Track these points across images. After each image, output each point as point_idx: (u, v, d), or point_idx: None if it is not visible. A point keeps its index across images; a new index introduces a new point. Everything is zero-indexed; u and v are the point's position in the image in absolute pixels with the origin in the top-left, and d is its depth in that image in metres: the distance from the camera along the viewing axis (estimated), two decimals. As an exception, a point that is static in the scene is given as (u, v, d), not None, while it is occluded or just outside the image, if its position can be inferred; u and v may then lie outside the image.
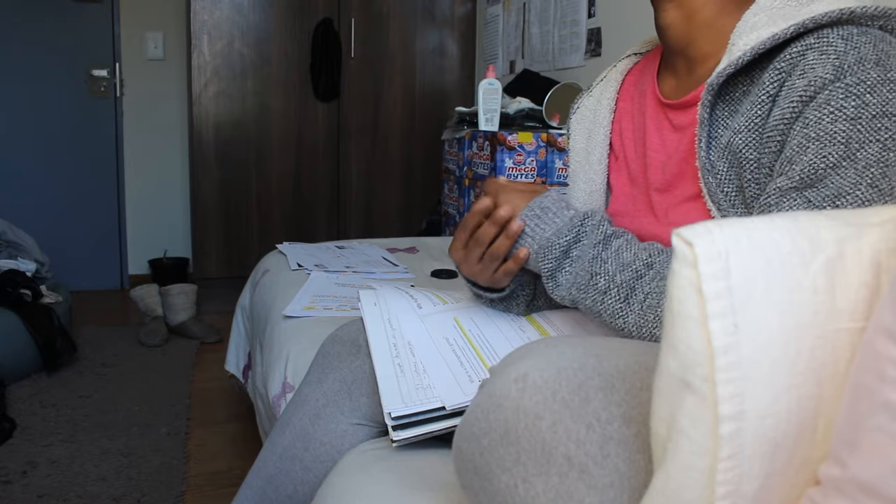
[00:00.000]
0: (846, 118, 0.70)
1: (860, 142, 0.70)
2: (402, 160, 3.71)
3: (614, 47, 2.51)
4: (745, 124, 0.78)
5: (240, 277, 2.78)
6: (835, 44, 0.72)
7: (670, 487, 0.48)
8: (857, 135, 0.70)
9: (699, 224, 0.47)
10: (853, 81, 0.70)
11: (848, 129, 0.70)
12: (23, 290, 2.49)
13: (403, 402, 0.89)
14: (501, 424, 0.60)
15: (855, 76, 0.70)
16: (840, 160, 0.70)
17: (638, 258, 0.83)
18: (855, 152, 0.70)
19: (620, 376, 0.61)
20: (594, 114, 1.03)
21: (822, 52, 0.72)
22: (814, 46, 0.73)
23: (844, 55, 0.71)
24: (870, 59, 0.71)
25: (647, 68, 0.99)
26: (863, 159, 0.70)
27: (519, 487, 0.58)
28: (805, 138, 0.72)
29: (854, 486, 0.45)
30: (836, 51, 0.72)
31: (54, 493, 1.68)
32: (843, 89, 0.70)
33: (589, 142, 1.03)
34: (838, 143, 0.70)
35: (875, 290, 0.49)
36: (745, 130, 0.78)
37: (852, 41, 0.72)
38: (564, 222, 0.89)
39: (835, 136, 0.70)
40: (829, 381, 0.48)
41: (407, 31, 3.63)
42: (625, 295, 0.82)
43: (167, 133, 3.82)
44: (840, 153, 0.70)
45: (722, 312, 0.45)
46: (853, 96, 0.70)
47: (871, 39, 0.72)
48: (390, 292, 1.10)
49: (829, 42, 0.72)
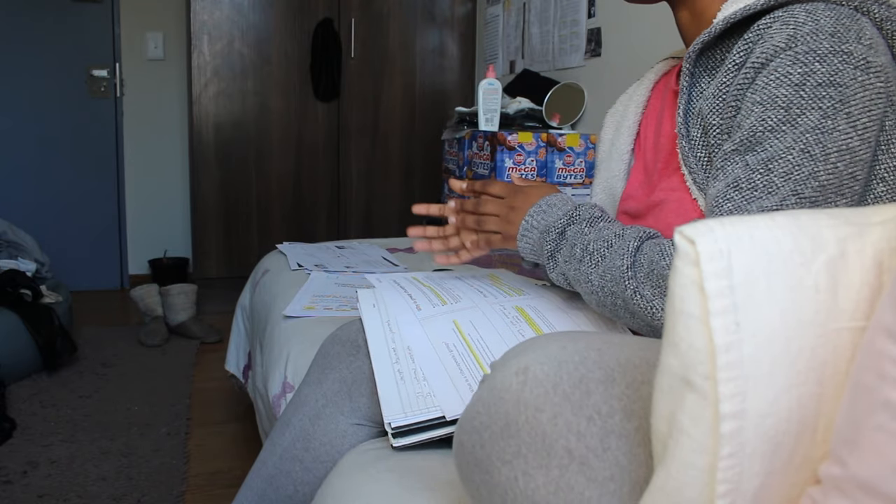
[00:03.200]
0: (791, 84, 0.72)
1: (801, 107, 0.71)
2: (402, 160, 3.71)
3: (614, 47, 2.51)
4: (713, 91, 0.80)
5: (240, 277, 2.78)
6: (798, 16, 0.74)
7: (670, 485, 0.48)
8: (799, 100, 0.71)
9: (701, 222, 0.47)
10: (803, 50, 0.72)
11: (790, 95, 0.71)
12: (23, 290, 2.49)
13: (403, 412, 0.89)
14: (502, 417, 0.60)
15: (806, 45, 0.72)
16: (779, 124, 0.72)
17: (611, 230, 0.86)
18: (795, 118, 0.71)
19: (621, 370, 0.61)
20: (625, 108, 1.08)
21: (784, 24, 0.74)
22: (780, 18, 0.75)
23: (802, 25, 0.73)
24: (825, 30, 0.72)
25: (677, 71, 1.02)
26: (802, 125, 0.71)
27: (519, 480, 0.58)
28: (752, 102, 0.74)
29: (854, 485, 0.44)
30: (796, 21, 0.73)
31: (54, 493, 1.68)
32: (791, 57, 0.72)
33: (616, 134, 1.07)
34: (779, 108, 0.72)
35: (877, 290, 0.49)
36: (712, 97, 0.80)
37: (814, 14, 0.73)
38: (564, 211, 0.93)
39: (777, 100, 0.72)
40: (830, 380, 0.48)
41: (407, 31, 3.63)
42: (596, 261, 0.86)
43: (167, 133, 3.82)
44: (780, 117, 0.72)
45: (723, 310, 0.45)
46: (800, 63, 0.72)
47: (835, 14, 0.73)
48: (389, 292, 1.10)
49: (793, 15, 0.74)
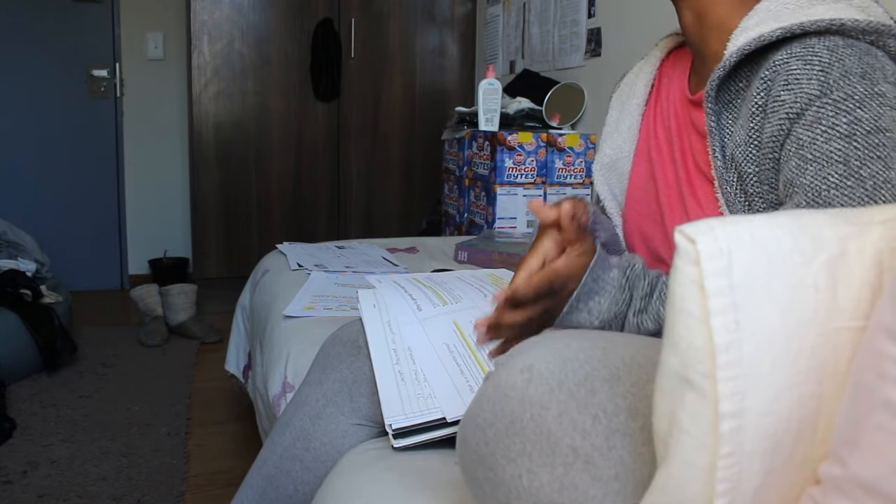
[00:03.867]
0: (840, 136, 0.69)
1: (860, 159, 0.68)
2: (402, 160, 3.71)
3: (614, 47, 2.51)
4: (744, 138, 0.77)
5: (240, 277, 2.78)
6: (819, 54, 0.71)
7: (671, 484, 0.48)
8: (856, 152, 0.68)
9: (701, 221, 0.47)
10: (840, 97, 0.69)
11: (844, 148, 0.69)
12: (23, 290, 2.49)
13: (404, 413, 0.89)
14: (507, 415, 0.60)
15: (841, 90, 0.69)
16: (842, 179, 0.69)
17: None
18: (857, 171, 0.68)
19: (626, 368, 0.61)
20: (631, 87, 1.04)
21: (805, 62, 0.71)
22: (797, 55, 0.72)
23: (829, 68, 0.70)
24: (855, 72, 0.69)
25: (685, 56, 0.98)
26: (867, 177, 0.68)
27: (524, 478, 0.58)
28: (802, 160, 0.71)
29: (854, 485, 0.44)
30: (822, 62, 0.70)
31: (54, 493, 1.68)
32: (831, 105, 0.69)
33: (622, 112, 1.04)
34: (837, 163, 0.69)
35: (877, 289, 0.49)
36: (743, 144, 0.77)
37: (837, 53, 0.70)
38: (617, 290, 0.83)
39: (832, 155, 0.69)
40: (830, 379, 0.48)
41: (407, 31, 3.63)
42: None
43: (167, 133, 3.82)
44: (840, 172, 0.69)
45: (723, 309, 0.45)
46: (843, 112, 0.69)
47: (857, 52, 0.71)
48: (390, 292, 1.10)
49: (813, 52, 0.71)
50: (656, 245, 0.94)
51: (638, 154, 1.01)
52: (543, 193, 2.46)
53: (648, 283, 0.85)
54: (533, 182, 2.44)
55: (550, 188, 2.46)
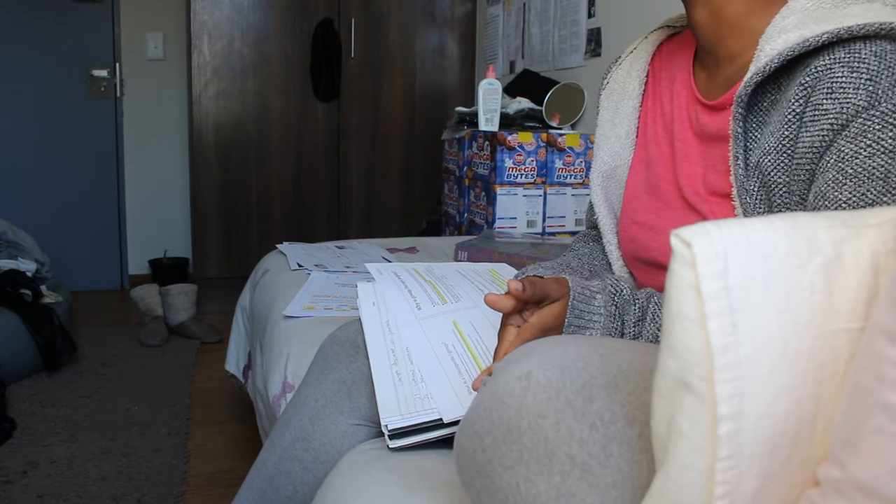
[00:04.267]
0: (884, 151, 0.65)
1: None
2: (402, 160, 3.71)
3: (614, 47, 2.51)
4: (775, 146, 0.73)
5: (240, 277, 2.78)
6: (867, 61, 0.67)
7: (669, 487, 0.48)
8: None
9: (698, 225, 0.47)
10: (888, 109, 0.65)
11: (887, 164, 0.65)
12: (23, 290, 2.49)
13: (401, 414, 0.89)
14: (504, 422, 0.60)
15: (890, 102, 0.65)
16: (880, 195, 0.66)
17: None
18: (895, 187, 0.65)
19: (624, 376, 0.61)
20: (623, 86, 0.99)
21: (852, 70, 0.67)
22: (842, 61, 0.68)
23: (878, 77, 0.66)
24: None
25: (681, 51, 0.94)
26: None
27: (521, 486, 0.58)
28: (841, 174, 0.67)
29: (853, 487, 0.45)
30: (869, 70, 0.66)
31: (54, 493, 1.68)
32: (878, 118, 0.65)
33: (616, 114, 0.99)
34: (877, 179, 0.66)
35: (873, 291, 0.49)
36: (773, 152, 0.73)
37: (885, 60, 0.66)
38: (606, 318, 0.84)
39: (873, 171, 0.66)
40: (828, 381, 0.48)
41: (407, 31, 3.63)
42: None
43: (167, 133, 3.82)
44: (879, 189, 0.66)
45: (720, 313, 0.45)
46: (890, 126, 0.65)
47: None
48: (390, 288, 1.10)
49: (860, 58, 0.67)
50: (654, 255, 0.92)
51: (636, 159, 0.98)
52: (543, 193, 2.46)
53: (639, 307, 0.84)
54: (533, 182, 2.44)
55: (550, 188, 2.46)
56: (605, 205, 1.01)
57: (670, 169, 0.91)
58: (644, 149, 0.97)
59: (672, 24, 1.00)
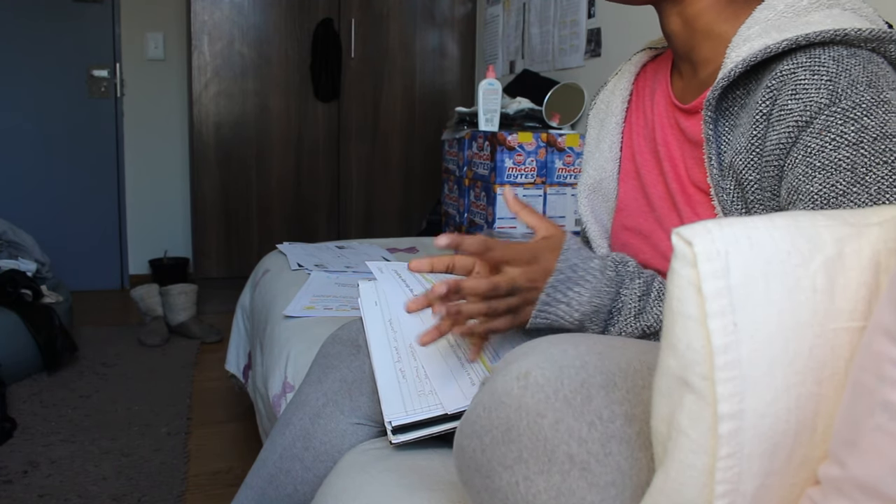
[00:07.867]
0: (848, 143, 0.70)
1: (866, 166, 0.69)
2: (402, 160, 3.71)
3: (614, 47, 2.51)
4: (745, 145, 0.77)
5: (240, 277, 2.78)
6: (826, 64, 0.72)
7: (670, 486, 0.48)
8: (862, 159, 0.70)
9: (699, 223, 0.47)
10: (849, 105, 0.70)
11: (852, 155, 0.70)
12: (23, 290, 2.50)
13: (405, 410, 0.89)
14: (503, 422, 0.60)
15: (850, 99, 0.70)
16: (849, 186, 0.70)
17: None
18: (863, 177, 0.70)
19: (622, 374, 0.61)
20: (608, 105, 1.04)
21: (813, 73, 0.72)
22: (804, 65, 0.73)
23: (837, 78, 0.71)
24: (861, 81, 0.71)
25: (661, 67, 0.99)
26: (872, 183, 0.69)
27: (520, 485, 0.58)
28: (810, 168, 0.72)
29: (853, 486, 0.45)
30: (829, 72, 0.72)
31: (54, 493, 1.68)
32: (840, 114, 0.70)
33: (601, 131, 1.04)
34: (844, 171, 0.70)
35: (874, 290, 0.49)
36: (744, 151, 0.77)
37: (843, 63, 0.72)
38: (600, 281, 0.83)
39: (840, 163, 0.70)
40: (829, 380, 0.48)
41: (407, 31, 3.63)
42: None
43: (167, 133, 3.82)
44: (848, 180, 0.70)
45: (721, 311, 0.45)
46: (851, 120, 0.70)
47: (861, 61, 0.72)
48: (391, 288, 1.09)
49: (820, 62, 0.72)
50: (645, 258, 0.94)
51: (623, 173, 1.02)
52: (543, 193, 2.46)
53: (643, 281, 0.85)
54: (533, 182, 2.44)
55: (550, 188, 2.46)
56: (591, 215, 1.05)
57: (658, 175, 0.94)
58: (631, 161, 1.00)
59: (654, 46, 1.05)
